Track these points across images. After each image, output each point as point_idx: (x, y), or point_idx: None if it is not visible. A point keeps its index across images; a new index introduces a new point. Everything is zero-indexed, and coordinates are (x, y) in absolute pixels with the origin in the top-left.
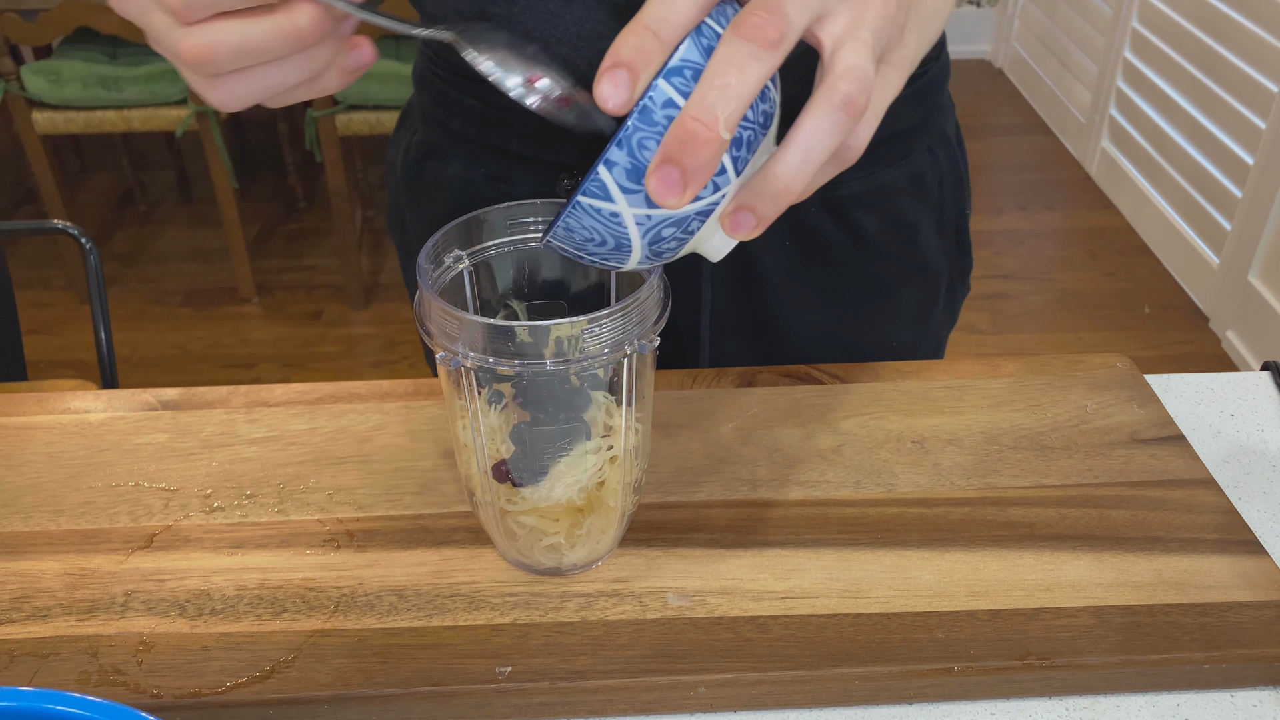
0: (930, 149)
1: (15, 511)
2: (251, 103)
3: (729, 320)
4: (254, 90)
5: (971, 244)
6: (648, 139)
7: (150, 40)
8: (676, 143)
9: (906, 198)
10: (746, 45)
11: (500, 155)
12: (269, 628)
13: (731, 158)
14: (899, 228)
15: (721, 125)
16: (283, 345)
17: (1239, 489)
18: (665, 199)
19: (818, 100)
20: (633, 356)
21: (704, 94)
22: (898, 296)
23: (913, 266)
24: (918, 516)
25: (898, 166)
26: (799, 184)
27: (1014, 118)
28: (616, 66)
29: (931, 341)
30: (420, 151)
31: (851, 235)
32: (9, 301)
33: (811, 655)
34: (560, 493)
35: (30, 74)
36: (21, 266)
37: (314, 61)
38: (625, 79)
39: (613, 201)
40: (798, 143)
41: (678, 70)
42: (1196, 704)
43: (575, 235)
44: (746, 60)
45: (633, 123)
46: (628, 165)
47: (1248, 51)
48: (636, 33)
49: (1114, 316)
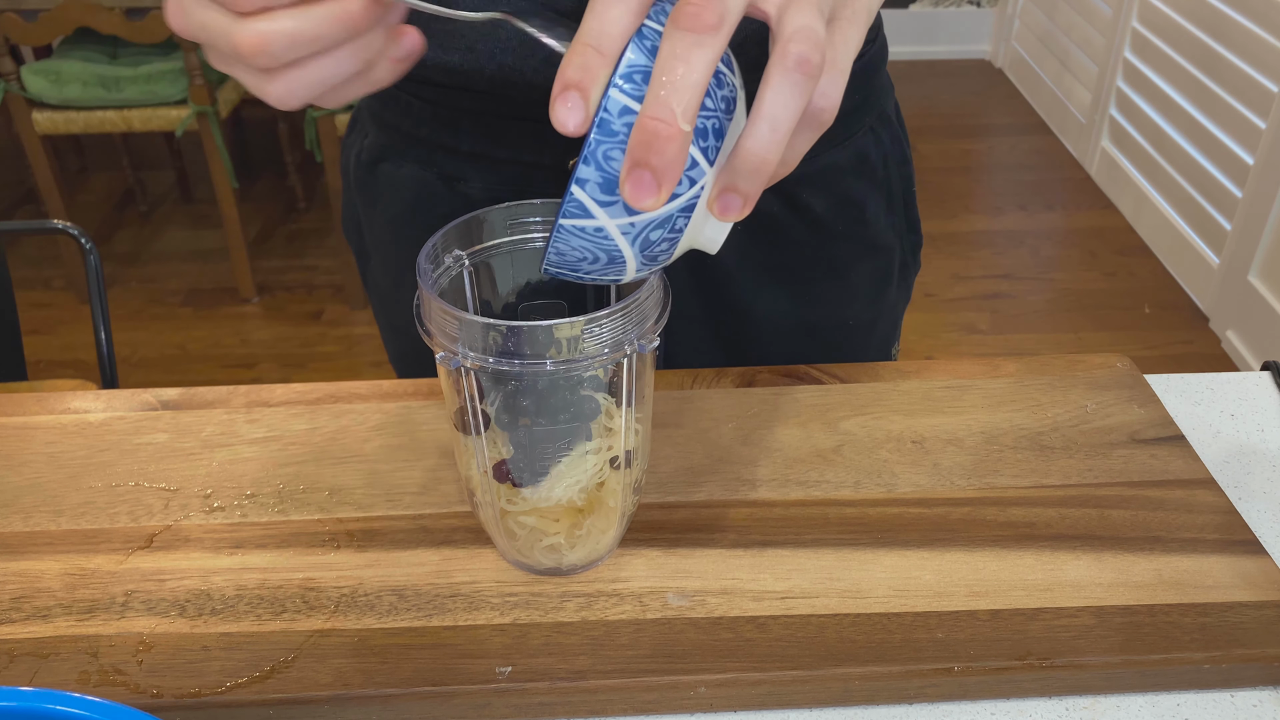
0: (873, 129)
1: (15, 511)
2: (308, 98)
3: (685, 307)
4: (310, 83)
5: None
6: (612, 150)
7: (208, 52)
8: (640, 145)
9: (852, 177)
10: (688, 36)
11: (452, 155)
12: (269, 628)
13: (700, 149)
14: (847, 207)
15: (680, 118)
16: (283, 345)
17: (1239, 489)
18: (642, 202)
19: (772, 67)
20: (632, 357)
21: (656, 92)
22: (851, 275)
23: (864, 245)
24: (918, 516)
25: (842, 147)
26: (772, 154)
27: (1014, 118)
28: (566, 89)
29: (888, 320)
30: (372, 154)
31: (801, 216)
32: (9, 301)
33: (811, 655)
34: (561, 493)
35: (30, 74)
36: (21, 266)
37: (366, 50)
38: (577, 99)
39: (594, 217)
40: (762, 114)
41: (627, 77)
42: (1196, 704)
43: (567, 258)
44: (690, 50)
45: (594, 137)
46: (599, 179)
47: (1248, 51)
48: (578, 52)
49: (1114, 316)
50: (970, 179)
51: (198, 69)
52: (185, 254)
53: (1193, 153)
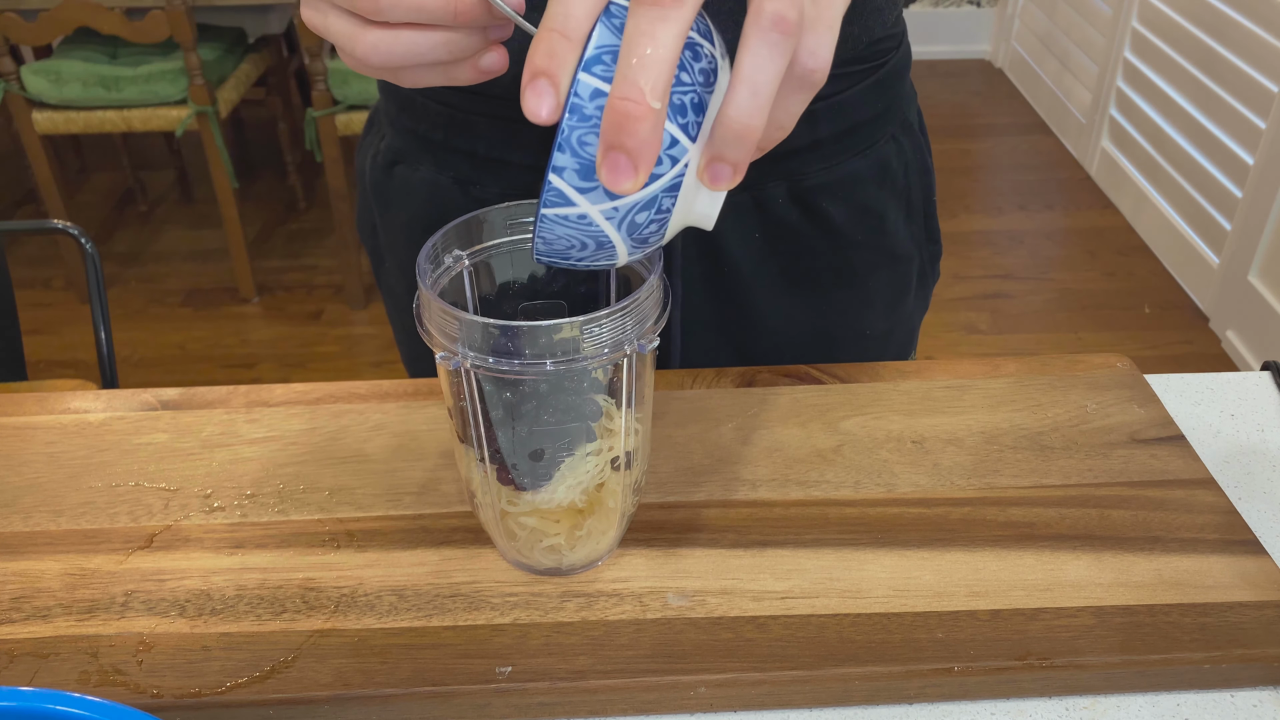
0: (895, 137)
1: (15, 511)
2: (388, 63)
3: (701, 314)
4: (396, 49)
5: (940, 231)
6: (586, 135)
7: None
8: (612, 128)
9: (873, 186)
10: (652, 10)
11: (467, 159)
12: (269, 628)
13: (680, 125)
14: (866, 216)
15: (649, 95)
16: (283, 345)
17: (1239, 489)
18: (620, 185)
19: (748, 29)
20: (632, 357)
21: (624, 72)
22: (868, 285)
23: (882, 255)
24: (918, 516)
25: (862, 156)
26: (756, 120)
27: (1014, 118)
28: (535, 77)
29: (905, 329)
30: (388, 157)
31: (819, 225)
32: (9, 301)
33: (811, 655)
34: (561, 495)
35: (30, 74)
36: (21, 266)
37: (459, 46)
38: (546, 86)
39: (575, 205)
40: (741, 78)
41: (595, 59)
42: (1196, 704)
43: (554, 246)
44: (655, 26)
45: (567, 123)
46: (576, 165)
47: (1248, 51)
48: (544, 39)
49: (1114, 316)
50: (970, 179)
51: (198, 69)
52: (185, 254)
53: (1193, 153)
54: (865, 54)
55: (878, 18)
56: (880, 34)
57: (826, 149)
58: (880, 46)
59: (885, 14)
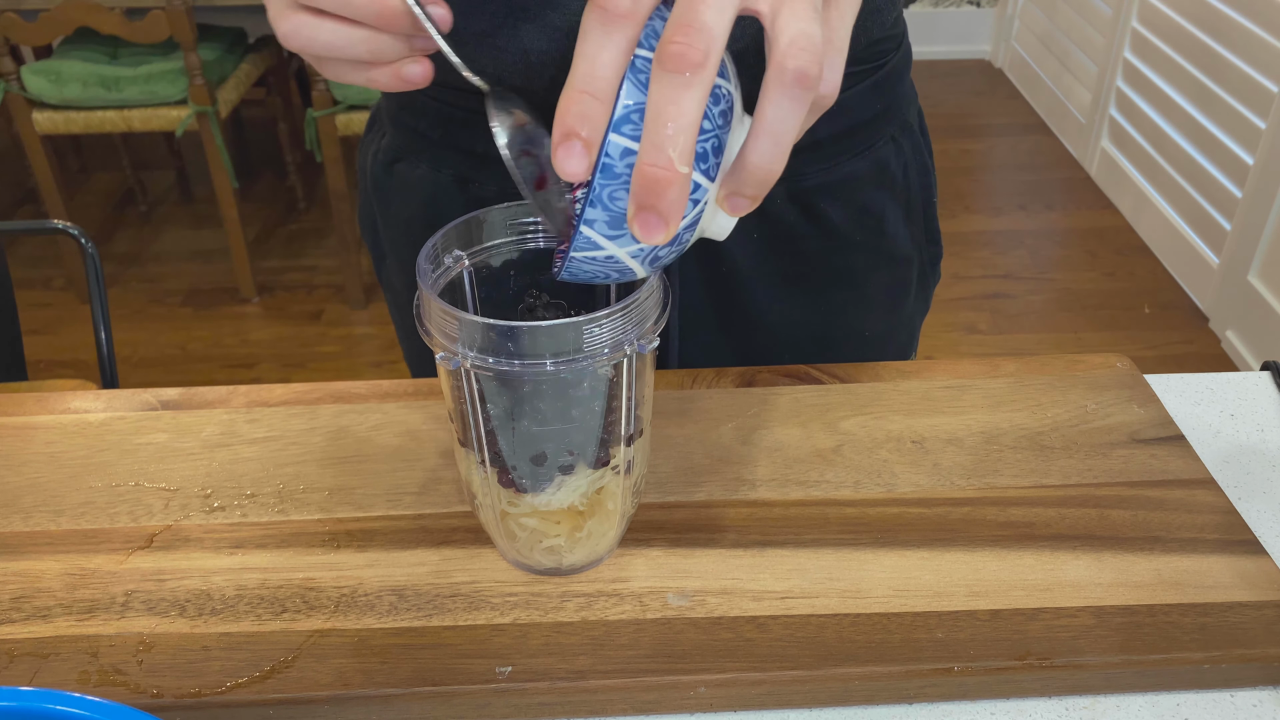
0: (894, 138)
1: (15, 511)
2: (306, 48)
3: (699, 314)
4: (318, 36)
5: (941, 232)
6: (617, 191)
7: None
8: (644, 191)
9: (872, 187)
10: (675, 78)
11: (467, 157)
12: (269, 628)
13: (701, 170)
14: (866, 217)
15: (677, 162)
16: (283, 345)
17: (1239, 489)
18: (651, 239)
19: (770, 82)
20: (632, 357)
21: (653, 139)
22: (868, 286)
23: (882, 255)
24: (918, 516)
25: (862, 157)
26: (777, 165)
27: (1014, 118)
28: (567, 138)
29: (905, 331)
30: (389, 154)
31: (819, 226)
32: (9, 301)
33: (811, 655)
34: (562, 497)
35: (30, 74)
36: (21, 266)
37: (380, 48)
38: (579, 149)
39: (603, 249)
40: (764, 130)
41: (624, 119)
42: (1196, 704)
43: (579, 277)
44: (679, 93)
45: (599, 181)
46: (606, 218)
47: (1248, 51)
48: (574, 99)
49: (1114, 316)
50: (970, 179)
51: (197, 69)
52: (185, 254)
53: (1193, 153)
54: (864, 55)
55: (877, 19)
56: (879, 35)
57: (826, 150)
58: (880, 47)
59: (885, 15)
